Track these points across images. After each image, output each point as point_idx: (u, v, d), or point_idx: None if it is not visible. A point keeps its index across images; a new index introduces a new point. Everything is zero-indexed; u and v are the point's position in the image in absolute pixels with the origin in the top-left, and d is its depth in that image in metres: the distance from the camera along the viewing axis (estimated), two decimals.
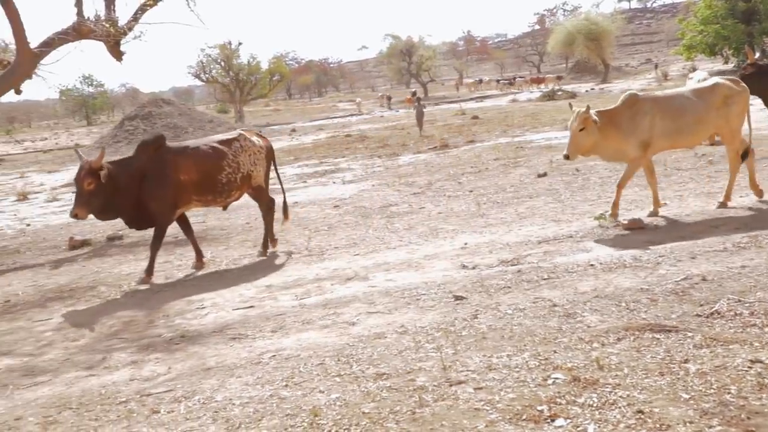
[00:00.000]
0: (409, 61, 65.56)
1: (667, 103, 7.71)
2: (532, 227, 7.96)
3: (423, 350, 4.42)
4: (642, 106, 7.61)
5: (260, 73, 50.00)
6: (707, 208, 7.82)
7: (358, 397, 3.78)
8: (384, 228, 8.96)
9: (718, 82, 7.96)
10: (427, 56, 65.02)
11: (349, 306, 5.69)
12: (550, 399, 3.41)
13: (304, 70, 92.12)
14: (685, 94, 7.84)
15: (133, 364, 4.88)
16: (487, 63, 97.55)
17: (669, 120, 7.60)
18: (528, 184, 10.86)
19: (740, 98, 7.88)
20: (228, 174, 7.78)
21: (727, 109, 7.76)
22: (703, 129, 7.85)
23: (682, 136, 7.76)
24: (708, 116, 7.73)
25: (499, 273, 6.16)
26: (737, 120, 7.91)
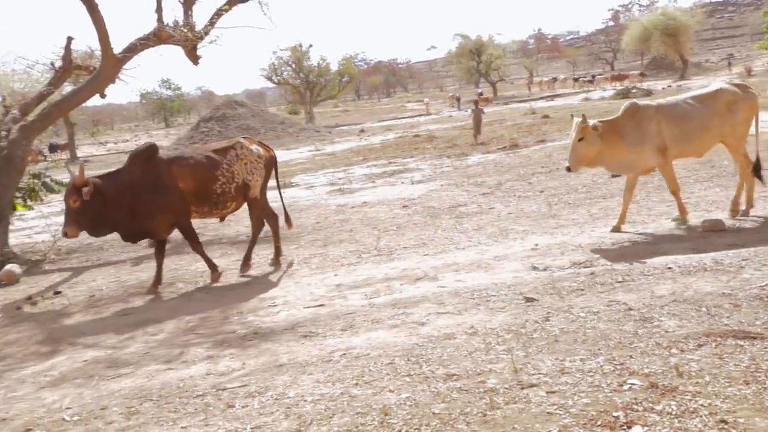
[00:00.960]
0: (478, 60, 65.01)
1: (670, 109, 7.52)
2: (605, 228, 7.77)
3: (493, 352, 4.38)
4: (645, 113, 7.46)
5: (330, 74, 50.67)
6: None
7: (428, 397, 3.78)
8: (453, 228, 8.92)
9: (721, 88, 7.69)
10: (497, 55, 64.29)
11: (418, 306, 5.69)
12: (627, 405, 3.32)
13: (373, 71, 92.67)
14: (687, 101, 7.62)
15: (209, 359, 5.03)
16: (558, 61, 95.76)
17: (674, 126, 7.41)
18: (601, 185, 10.61)
19: (745, 104, 7.57)
20: (222, 184, 7.52)
21: (731, 116, 7.49)
22: (708, 136, 7.59)
23: (689, 143, 7.54)
24: (712, 123, 7.49)
25: (572, 275, 6.04)
26: (743, 127, 7.61)
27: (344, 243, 8.80)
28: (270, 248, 8.26)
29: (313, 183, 15.81)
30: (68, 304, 7.33)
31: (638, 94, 32.99)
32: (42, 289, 8.20)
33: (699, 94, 7.75)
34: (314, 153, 24.54)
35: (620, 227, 7.62)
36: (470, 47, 65.35)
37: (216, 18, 11.17)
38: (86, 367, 5.19)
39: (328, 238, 9.25)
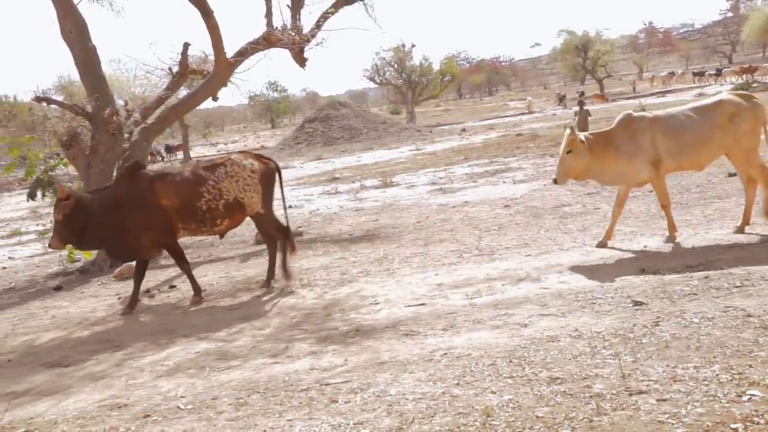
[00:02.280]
0: (584, 56, 63.13)
1: (666, 122, 7.28)
2: (721, 230, 7.38)
3: (599, 356, 4.25)
4: (639, 125, 7.27)
5: (432, 74, 50.77)
6: None
7: (531, 400, 3.71)
8: (556, 229, 8.73)
9: (722, 99, 7.37)
10: (604, 51, 62.15)
11: (520, 307, 5.61)
12: (746, 417, 3.14)
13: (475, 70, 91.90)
14: (686, 112, 7.34)
15: (312, 354, 5.16)
16: (670, 55, 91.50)
17: (669, 139, 7.19)
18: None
19: (749, 115, 7.18)
20: (208, 201, 7.28)
21: (734, 128, 7.15)
22: (707, 149, 7.28)
23: (686, 156, 7.27)
24: (712, 135, 7.19)
25: (684, 279, 5.77)
26: (749, 139, 7.22)
27: (445, 242, 8.79)
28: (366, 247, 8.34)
29: (414, 182, 15.89)
30: (182, 298, 7.72)
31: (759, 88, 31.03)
32: (158, 283, 8.69)
33: (699, 106, 7.46)
34: (415, 152, 24.65)
35: (606, 243, 7.48)
36: (576, 43, 63.54)
37: (322, 21, 11.45)
38: (198, 359, 5.45)
39: (429, 237, 9.26)
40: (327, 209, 13.44)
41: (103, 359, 5.81)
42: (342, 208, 13.27)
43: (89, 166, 10.12)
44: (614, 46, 65.02)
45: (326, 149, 30.77)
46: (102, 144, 10.15)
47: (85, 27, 10.43)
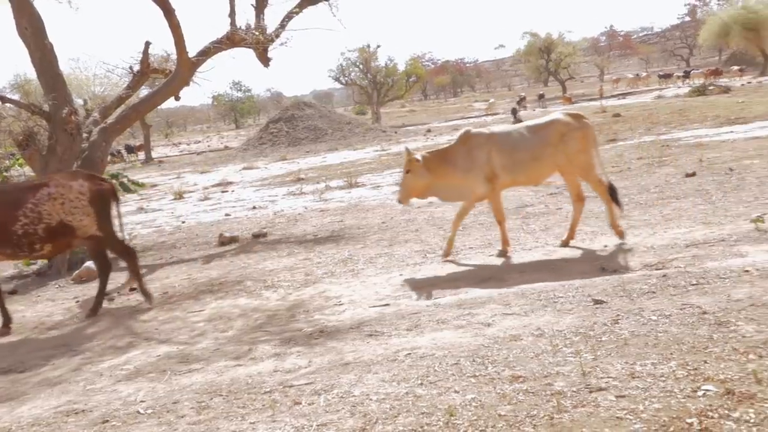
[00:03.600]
0: (547, 58, 63.95)
1: (502, 138, 7.47)
2: (678, 230, 7.53)
3: (561, 354, 4.30)
4: (476, 141, 7.44)
5: (397, 74, 50.85)
6: None
7: (494, 398, 3.74)
8: (519, 229, 8.82)
9: (554, 118, 7.62)
10: (567, 53, 63.07)
11: (483, 307, 5.65)
12: (701, 412, 3.21)
13: (440, 71, 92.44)
14: (521, 130, 7.57)
15: (276, 356, 5.13)
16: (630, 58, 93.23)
17: (505, 155, 7.38)
18: (674, 185, 10.27)
19: (578, 134, 7.45)
20: (25, 225, 6.79)
21: (564, 147, 7.39)
22: (540, 166, 7.49)
23: (520, 172, 7.48)
24: (544, 153, 7.42)
25: (642, 277, 5.88)
26: (581, 157, 7.47)
27: (410, 243, 8.82)
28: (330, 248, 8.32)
29: (379, 183, 15.90)
30: (143, 301, 7.61)
31: (716, 91, 31.78)
32: (118, 286, 8.54)
33: (533, 124, 7.67)
34: (380, 153, 24.66)
35: (448, 252, 7.65)
36: (539, 45, 64.39)
37: (287, 21, 11.39)
38: (159, 362, 5.38)
39: (394, 238, 9.28)
40: (291, 210, 13.37)
41: (60, 364, 5.69)
42: (307, 209, 13.21)
43: (46, 167, 9.90)
44: (576, 49, 66.03)
45: (291, 150, 30.61)
46: (60, 144, 9.93)
47: (41, 24, 10.19)
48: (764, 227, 6.91)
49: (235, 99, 75.45)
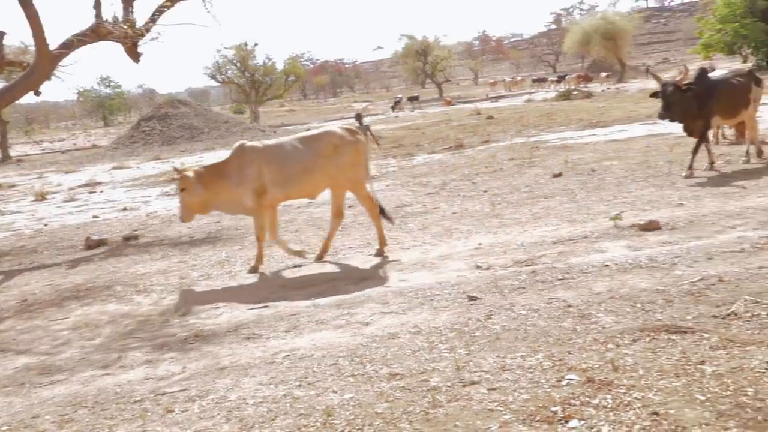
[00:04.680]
0: (424, 61, 65.49)
1: (274, 151, 7.37)
2: (546, 227, 7.92)
3: (436, 350, 4.41)
4: (249, 155, 7.31)
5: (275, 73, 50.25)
6: (725, 207, 7.73)
7: (371, 397, 3.78)
8: (397, 228, 8.94)
9: (327, 131, 7.65)
10: (443, 56, 64.91)
11: (362, 306, 5.69)
12: (564, 400, 3.39)
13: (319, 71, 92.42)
14: (294, 142, 7.48)
15: (148, 363, 4.91)
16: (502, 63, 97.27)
17: (276, 168, 7.27)
18: (543, 185, 10.80)
19: (351, 148, 7.48)
20: None
21: (337, 159, 7.39)
22: (312, 179, 7.43)
23: (292, 186, 7.39)
24: (316, 165, 7.37)
25: (514, 273, 6.13)
26: (351, 171, 7.51)
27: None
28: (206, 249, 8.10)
29: None
30: (2, 309, 7.06)
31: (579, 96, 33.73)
32: None
33: (306, 136, 7.65)
34: None
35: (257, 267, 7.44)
36: (416, 48, 65.81)
37: (157, 15, 10.96)
38: (17, 375, 5.01)
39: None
40: (166, 211, 12.86)
41: None
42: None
43: None
44: (452, 52, 68.13)
45: (165, 149, 29.48)
46: None
47: None
48: (622, 224, 7.40)
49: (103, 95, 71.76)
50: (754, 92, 10.52)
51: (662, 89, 9.97)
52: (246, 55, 48.46)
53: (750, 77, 10.63)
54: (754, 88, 10.55)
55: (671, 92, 9.84)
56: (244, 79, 48.84)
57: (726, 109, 10.25)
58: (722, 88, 10.17)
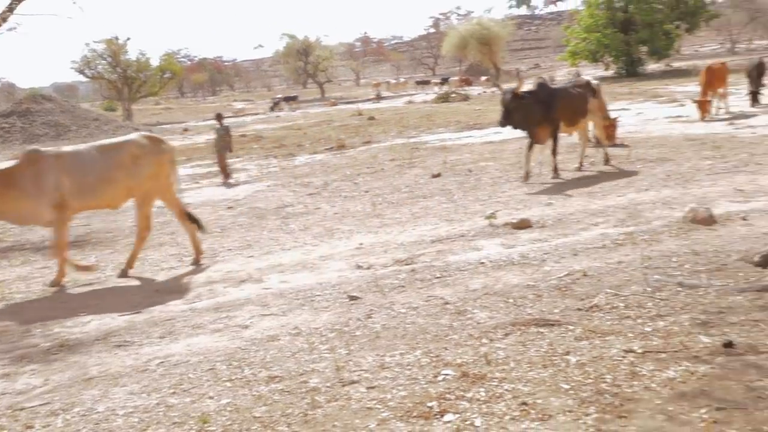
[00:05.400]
0: (305, 61, 65.21)
1: (72, 159, 6.92)
2: (426, 227, 8.09)
3: (317, 351, 4.39)
4: (45, 164, 6.77)
5: (150, 70, 48.22)
6: (589, 206, 8.21)
7: (249, 401, 3.70)
8: (279, 229, 8.86)
9: (129, 140, 7.36)
10: (324, 56, 64.90)
11: (242, 309, 5.58)
12: (440, 395, 3.48)
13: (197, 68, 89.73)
14: (93, 151, 7.09)
15: (5, 377, 4.57)
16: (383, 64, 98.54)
17: (75, 178, 6.82)
18: (423, 185, 11.04)
19: (152, 159, 7.21)
20: None
21: (137, 170, 7.10)
22: (113, 189, 7.06)
23: (92, 196, 6.99)
24: (116, 175, 7.02)
25: (394, 272, 6.22)
26: (152, 182, 7.24)
27: (165, 246, 8.42)
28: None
29: None
30: None
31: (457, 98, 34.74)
32: None
33: (107, 144, 7.34)
34: None
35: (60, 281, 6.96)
36: (298, 48, 65.41)
37: (15, 3, 10.23)
38: None
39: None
40: None
41: None
42: None
43: None
44: (333, 53, 68.24)
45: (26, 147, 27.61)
46: None
47: None
48: (496, 223, 7.69)
49: None
50: (591, 102, 10.97)
51: (501, 97, 10.21)
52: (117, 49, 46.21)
53: (587, 88, 11.10)
54: (591, 98, 11.01)
55: (509, 100, 10.00)
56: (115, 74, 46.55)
57: (568, 118, 10.58)
58: (563, 97, 10.56)
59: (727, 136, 12.61)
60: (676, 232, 6.49)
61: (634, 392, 3.29)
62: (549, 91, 10.57)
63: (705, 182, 8.88)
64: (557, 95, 10.53)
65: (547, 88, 10.66)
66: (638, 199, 8.30)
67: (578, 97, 10.83)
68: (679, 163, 10.35)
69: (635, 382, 3.38)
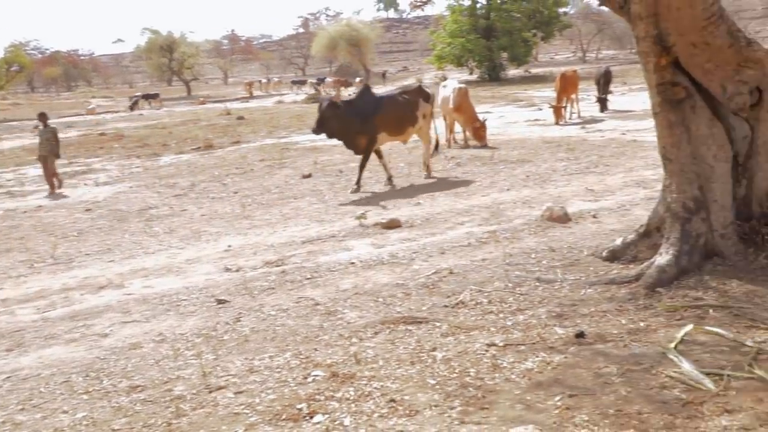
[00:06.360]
0: (170, 57, 62.82)
1: None
2: (296, 228, 8.05)
3: (182, 358, 4.25)
4: None
5: None
6: (455, 206, 8.49)
7: (108, 413, 3.51)
8: (142, 232, 8.49)
9: None
10: (190, 53, 62.81)
11: (101, 316, 5.30)
12: (310, 396, 3.46)
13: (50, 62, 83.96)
14: None
15: None
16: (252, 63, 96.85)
17: None
18: (293, 185, 10.96)
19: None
20: None
21: None
22: None
23: None
24: None
25: (263, 274, 6.14)
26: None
27: (13, 252, 7.83)
28: None
29: None
30: None
31: None
32: None
33: None
34: None
35: None
36: (161, 43, 62.85)
37: None
38: None
39: None
40: None
41: None
42: None
43: None
44: (199, 50, 66.21)
45: None
46: None
47: None
48: (366, 223, 7.78)
49: None
50: (422, 108, 10.49)
51: (318, 106, 9.82)
52: None
53: (419, 93, 10.64)
54: (422, 104, 10.52)
55: (325, 108, 9.65)
56: None
57: (392, 126, 10.13)
58: (387, 105, 10.12)
59: (579, 139, 13.49)
60: (534, 230, 6.85)
61: (496, 384, 3.43)
62: (371, 99, 10.21)
63: (560, 182, 9.45)
64: (379, 103, 10.12)
65: (370, 95, 10.31)
66: (501, 199, 8.69)
67: (405, 105, 10.34)
68: (538, 164, 10.94)
69: (497, 375, 3.54)
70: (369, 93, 10.40)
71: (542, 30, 44.77)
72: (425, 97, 10.68)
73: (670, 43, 4.88)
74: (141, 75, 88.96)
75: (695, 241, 4.84)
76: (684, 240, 4.83)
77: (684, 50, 4.88)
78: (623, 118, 16.59)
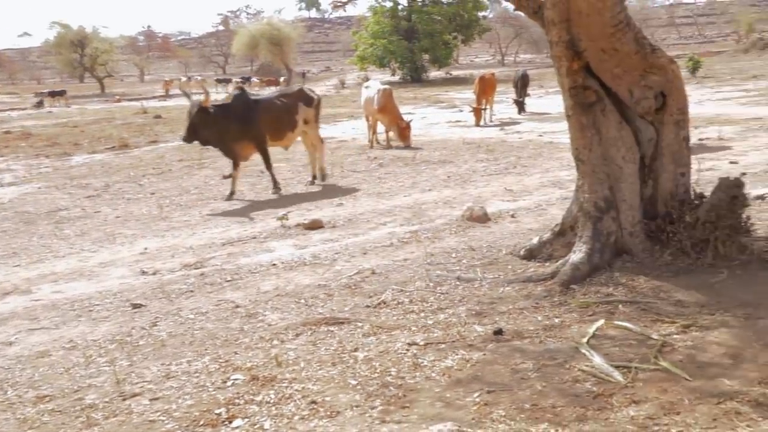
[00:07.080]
0: (81, 53, 60.41)
1: None
2: (216, 229, 7.90)
3: (94, 365, 4.09)
4: None
5: None
6: (378, 206, 8.53)
7: (12, 426, 3.34)
8: (52, 235, 8.14)
9: None
10: (103, 49, 60.61)
11: (5, 324, 5.05)
12: (229, 401, 3.40)
13: None
14: None
15: None
16: (170, 61, 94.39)
17: None
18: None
19: None
20: None
21: None
22: None
23: None
24: None
25: (182, 277, 5.99)
26: None
27: None
28: None
29: None
30: None
31: None
32: None
33: None
34: None
35: None
36: (71, 38, 60.37)
37: None
38: None
39: None
40: None
41: None
42: None
43: None
44: (113, 46, 63.99)
45: None
46: None
47: None
48: (288, 224, 7.71)
49: None
50: (302, 113, 10.01)
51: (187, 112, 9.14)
52: None
53: (298, 97, 10.15)
54: (303, 108, 10.04)
55: (195, 114, 9.00)
56: None
57: (272, 131, 9.74)
58: (265, 109, 9.66)
59: (498, 140, 13.81)
60: (455, 230, 6.96)
61: (416, 383, 3.46)
62: (247, 103, 9.62)
63: (480, 183, 9.64)
64: (257, 107, 9.61)
65: (245, 99, 9.70)
66: (422, 199, 8.78)
67: (284, 109, 9.88)
68: (458, 165, 11.13)
69: (417, 373, 3.57)
70: (244, 96, 9.77)
71: (462, 33, 45.66)
72: (306, 100, 10.17)
73: (581, 48, 5.06)
74: (50, 71, 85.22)
75: (606, 240, 5.04)
76: (596, 238, 5.02)
77: (594, 55, 5.06)
78: (540, 120, 17.10)
